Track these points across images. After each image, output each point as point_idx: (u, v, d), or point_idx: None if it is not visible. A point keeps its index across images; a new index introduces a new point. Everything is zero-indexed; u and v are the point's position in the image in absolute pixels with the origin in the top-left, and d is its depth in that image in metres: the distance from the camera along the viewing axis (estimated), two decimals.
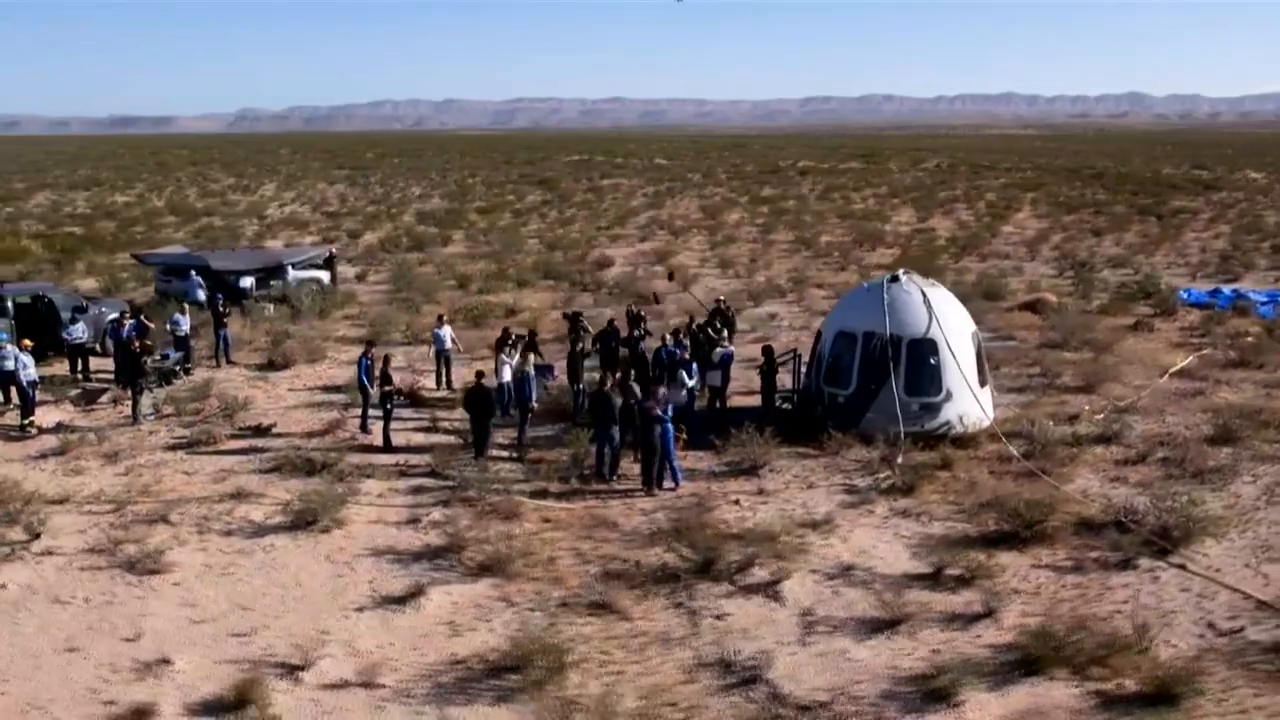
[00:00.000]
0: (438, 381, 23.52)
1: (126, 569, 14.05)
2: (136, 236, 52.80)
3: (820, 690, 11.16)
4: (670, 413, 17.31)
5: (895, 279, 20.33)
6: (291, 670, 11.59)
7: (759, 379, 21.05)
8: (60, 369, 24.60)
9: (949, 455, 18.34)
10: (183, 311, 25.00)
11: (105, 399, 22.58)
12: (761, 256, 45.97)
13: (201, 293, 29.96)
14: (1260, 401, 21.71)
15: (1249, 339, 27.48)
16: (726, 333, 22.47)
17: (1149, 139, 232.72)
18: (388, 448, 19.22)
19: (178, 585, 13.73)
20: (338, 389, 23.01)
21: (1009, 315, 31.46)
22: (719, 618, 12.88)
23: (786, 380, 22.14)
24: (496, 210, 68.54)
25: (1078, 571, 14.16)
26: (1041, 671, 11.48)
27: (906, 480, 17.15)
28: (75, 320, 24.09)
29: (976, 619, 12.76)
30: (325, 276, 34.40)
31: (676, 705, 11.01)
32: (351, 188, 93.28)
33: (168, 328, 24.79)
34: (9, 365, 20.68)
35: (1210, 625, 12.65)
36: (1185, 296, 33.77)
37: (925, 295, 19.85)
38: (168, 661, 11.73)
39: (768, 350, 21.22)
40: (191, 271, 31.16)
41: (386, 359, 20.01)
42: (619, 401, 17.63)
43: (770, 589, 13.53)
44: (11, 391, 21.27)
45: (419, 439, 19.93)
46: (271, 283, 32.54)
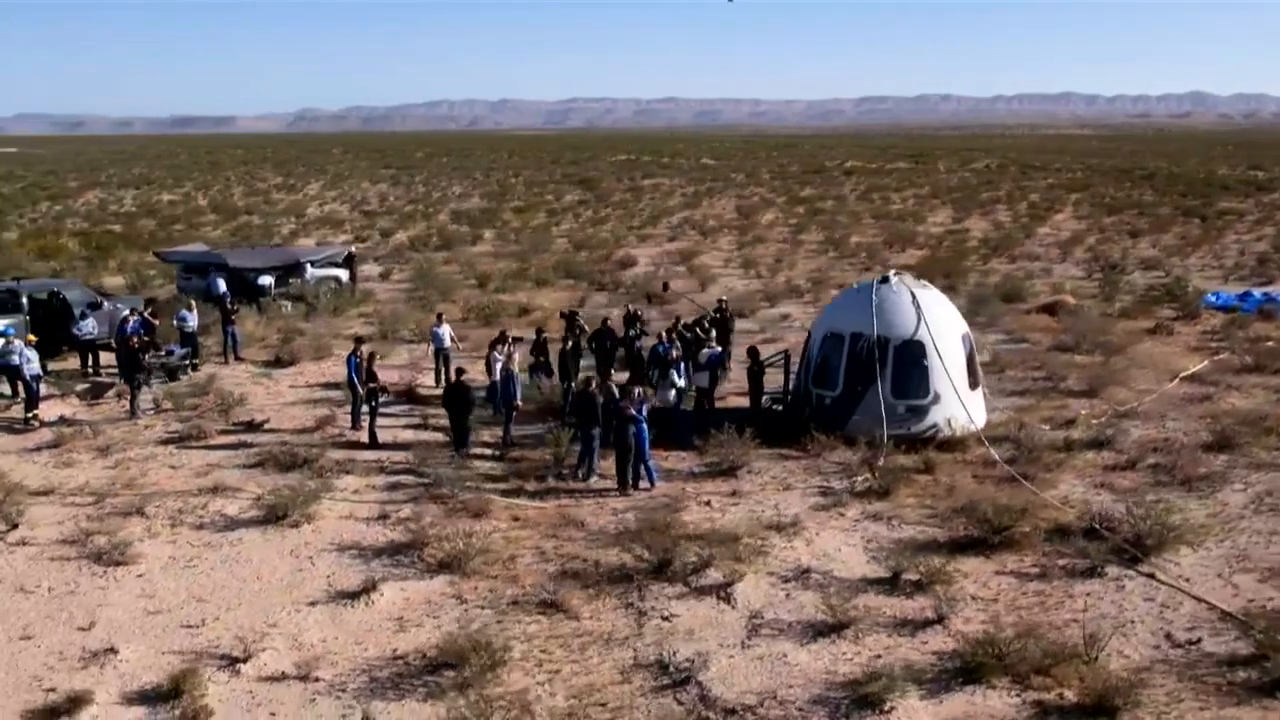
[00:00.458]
0: (436, 379, 23.67)
1: (94, 560, 14.33)
2: (175, 234, 53.76)
3: (750, 694, 11.07)
4: (645, 412, 17.28)
5: (885, 280, 20.11)
6: (232, 662, 11.73)
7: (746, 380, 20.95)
8: (75, 364, 25.10)
9: (932, 459, 18.11)
10: (189, 308, 25.40)
11: (111, 394, 23.00)
12: (787, 257, 45.71)
13: (223, 289, 30.45)
14: (1268, 408, 21.17)
15: (1269, 343, 26.80)
16: (716, 334, 22.38)
17: (1210, 139, 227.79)
18: (373, 444, 19.40)
19: (141, 577, 13.96)
20: (338, 386, 23.22)
21: (1025, 318, 30.99)
22: (666, 619, 12.84)
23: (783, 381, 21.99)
24: (532, 210, 68.89)
25: (1041, 579, 13.91)
26: (982, 680, 11.28)
27: (884, 483, 16.96)
28: (85, 316, 24.59)
29: (926, 625, 12.58)
30: (344, 275, 34.77)
31: (605, 705, 10.99)
32: (394, 187, 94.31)
33: (174, 324, 25.21)
34: (14, 360, 21.14)
35: (1168, 636, 12.36)
36: (1213, 300, 33.01)
37: (914, 297, 19.60)
38: (114, 651, 11.93)
39: (753, 351, 21.11)
40: (211, 269, 31.68)
41: (371, 356, 20.20)
42: (601, 401, 17.65)
43: (722, 591, 13.44)
44: (18, 385, 21.73)
45: (407, 436, 20.09)
46: (290, 281, 32.96)
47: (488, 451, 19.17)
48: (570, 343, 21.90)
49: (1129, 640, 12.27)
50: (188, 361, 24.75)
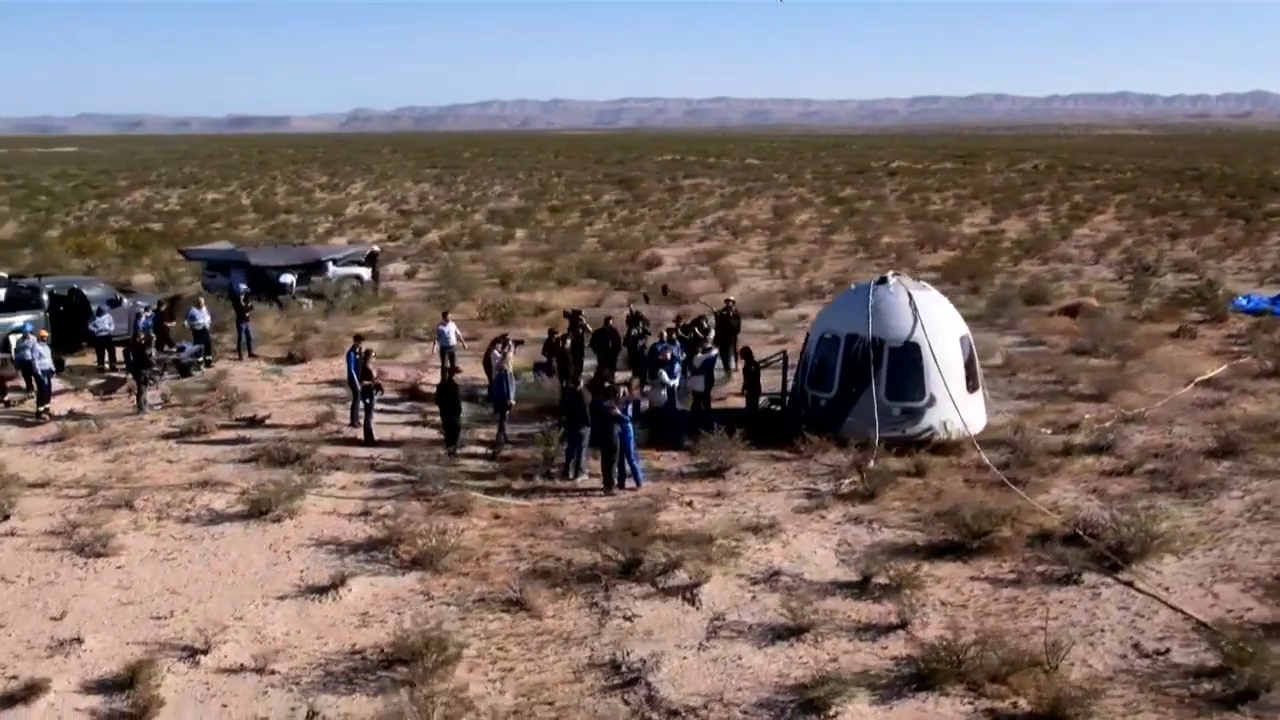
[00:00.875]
0: (442, 377, 23.78)
1: (77, 551, 14.61)
2: (213, 232, 54.65)
3: (697, 695, 11.02)
4: (630, 412, 17.26)
5: (883, 281, 19.91)
6: (192, 653, 11.90)
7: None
8: (92, 360, 25.60)
9: (923, 462, 17.90)
10: (198, 306, 25.78)
11: (124, 389, 23.38)
12: (814, 258, 45.42)
13: (243, 287, 30.91)
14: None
15: None
16: (717, 334, 22.30)
17: (1269, 140, 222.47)
18: (368, 440, 19.57)
19: (120, 568, 14.21)
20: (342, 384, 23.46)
21: (1046, 320, 30.52)
22: (628, 619, 12.81)
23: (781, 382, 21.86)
24: (567, 209, 69.09)
25: (1016, 585, 13.69)
26: (936, 686, 11.14)
27: (870, 486, 16.79)
28: (102, 313, 25.06)
29: (889, 630, 12.44)
30: (366, 273, 35.10)
31: (553, 705, 10.99)
32: (436, 187, 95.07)
33: (185, 323, 25.62)
34: (28, 355, 21.61)
35: (1136, 646, 12.11)
36: (1243, 303, 32.25)
37: (911, 298, 19.38)
38: (80, 640, 12.16)
39: (746, 352, 20.98)
40: (233, 267, 32.19)
41: (368, 353, 20.36)
42: (589, 400, 17.65)
43: (689, 592, 13.39)
44: (33, 379, 22.21)
45: (405, 433, 20.25)
46: (311, 279, 33.35)
47: (481, 449, 19.27)
48: (569, 341, 21.93)
49: (1096, 649, 12.05)
50: (200, 358, 25.13)
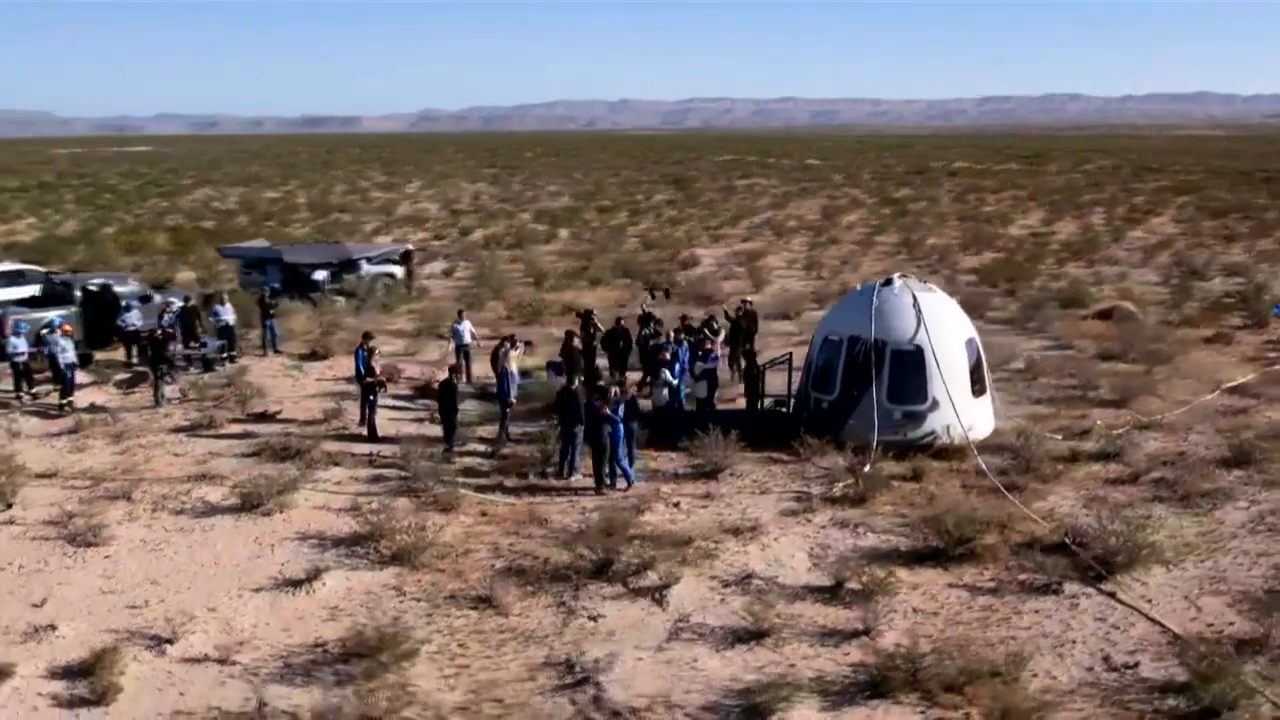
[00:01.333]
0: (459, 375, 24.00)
1: (69, 540, 14.97)
2: (263, 230, 55.56)
3: (643, 697, 10.98)
4: (622, 412, 17.25)
5: (889, 282, 19.66)
6: (160, 642, 12.14)
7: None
8: (121, 355, 26.21)
9: (921, 466, 17.66)
10: (223, 302, 26.27)
11: (147, 384, 23.90)
12: (854, 259, 44.97)
13: (276, 284, 31.52)
14: None
15: None
16: (726, 335, 22.21)
17: None
18: (372, 436, 19.79)
19: (107, 558, 14.54)
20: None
21: (1080, 323, 29.90)
22: (593, 619, 12.80)
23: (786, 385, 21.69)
24: (616, 209, 69.20)
25: (993, 593, 13.44)
26: (889, 694, 10.98)
27: (861, 490, 16.59)
28: (130, 308, 25.64)
29: (853, 636, 12.28)
30: (399, 272, 35.48)
31: (501, 702, 11.03)
32: (491, 186, 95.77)
33: (210, 319, 26.13)
34: (53, 349, 22.19)
35: (1106, 658, 11.82)
36: None
37: (916, 300, 19.11)
38: (53, 627, 12.47)
39: (749, 355, 20.84)
40: (268, 265, 32.80)
41: (371, 351, 20.59)
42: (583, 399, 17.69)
43: (658, 593, 13.35)
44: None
45: (411, 430, 20.44)
46: (344, 277, 33.80)
47: (482, 447, 19.39)
48: (575, 340, 22.00)
49: (1063, 660, 11.79)
50: (225, 354, 25.62)
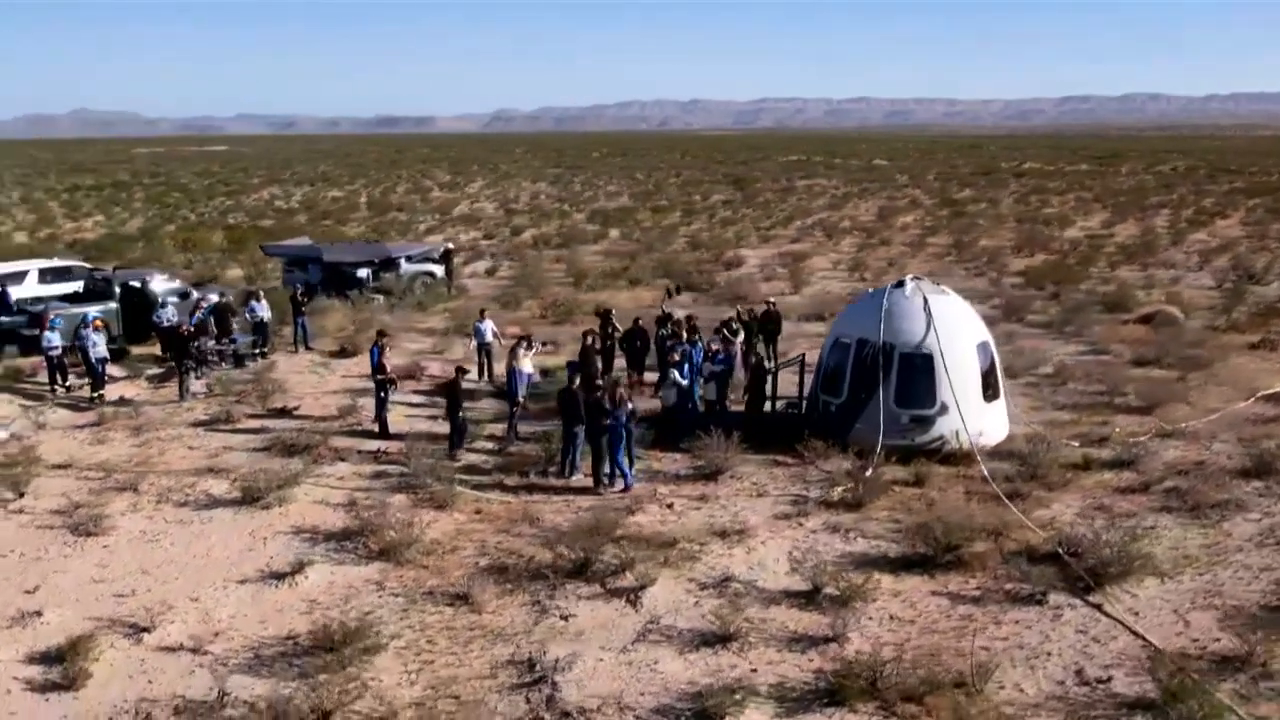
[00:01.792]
0: (479, 373, 24.23)
1: (71, 530, 15.39)
2: (321, 228, 56.62)
3: (596, 697, 10.96)
4: (623, 414, 17.22)
5: (900, 284, 19.37)
6: (138, 631, 12.42)
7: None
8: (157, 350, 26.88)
9: (925, 472, 17.36)
10: (259, 299, 26.80)
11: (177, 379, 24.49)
12: (902, 260, 44.38)
13: (311, 281, 32.11)
14: None
15: None
16: (744, 336, 22.10)
17: None
18: (383, 433, 20.03)
19: (106, 548, 14.92)
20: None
21: (1119, 328, 29.16)
22: (565, 618, 12.81)
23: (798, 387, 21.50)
24: (670, 209, 69.16)
25: (975, 602, 13.17)
26: (846, 703, 10.82)
27: (859, 495, 16.36)
28: (165, 305, 26.29)
29: (822, 642, 12.12)
30: (439, 271, 35.87)
31: (457, 698, 11.09)
32: (552, 186, 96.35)
33: (247, 316, 26.67)
34: (84, 343, 22.85)
35: (1079, 672, 11.51)
36: None
37: (927, 302, 18.80)
38: (40, 614, 12.83)
39: (755, 356, 20.67)
40: (308, 263, 33.44)
41: (382, 349, 20.81)
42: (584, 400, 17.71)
43: (634, 594, 13.31)
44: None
45: (423, 427, 20.63)
46: (383, 275, 34.27)
47: (490, 445, 19.51)
48: (590, 339, 22.05)
49: (1035, 673, 11.51)
50: (256, 350, 26.14)
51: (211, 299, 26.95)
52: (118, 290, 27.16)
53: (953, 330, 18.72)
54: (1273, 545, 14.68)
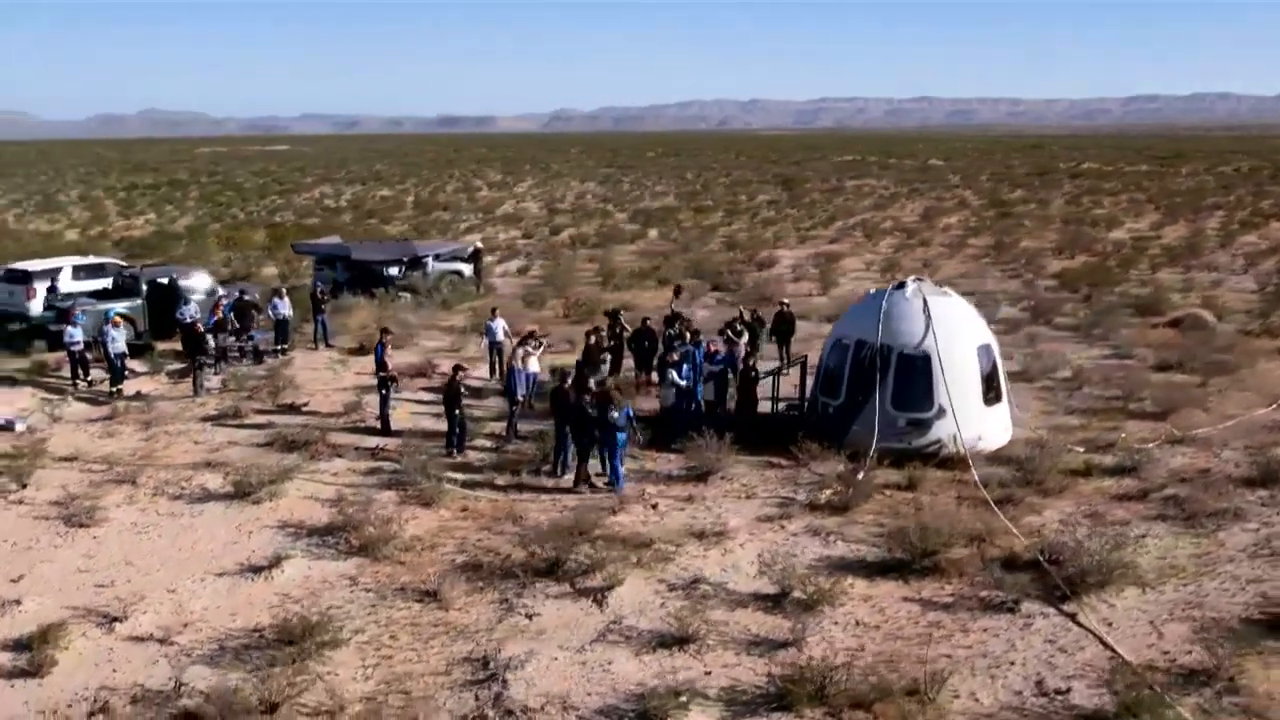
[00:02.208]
0: (490, 372, 24.39)
1: (65, 521, 15.75)
2: (366, 226, 57.37)
3: (542, 696, 10.97)
4: (621, 419, 17.20)
5: (901, 286, 19.14)
6: (110, 620, 12.68)
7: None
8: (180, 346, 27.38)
9: (918, 475, 17.13)
10: (281, 296, 27.20)
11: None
12: (938, 261, 43.84)
13: (336, 279, 32.61)
14: None
15: None
16: (749, 337, 22.02)
17: None
18: (385, 430, 20.22)
19: (95, 539, 15.25)
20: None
21: (1148, 331, 28.53)
22: (529, 617, 12.84)
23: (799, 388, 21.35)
24: (713, 209, 68.99)
25: (946, 609, 12.97)
26: (793, 708, 10.71)
27: (845, 498, 16.19)
28: (188, 301, 26.76)
29: (781, 646, 12.01)
30: (467, 270, 36.12)
31: (408, 694, 11.17)
32: (600, 185, 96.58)
33: (269, 313, 27.09)
34: (104, 338, 23.38)
35: (1039, 683, 11.28)
36: None
37: (926, 304, 18.55)
38: (19, 602, 13.14)
39: (747, 360, 20.53)
40: (337, 261, 33.92)
41: (387, 345, 21.00)
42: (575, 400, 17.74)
43: (600, 594, 13.30)
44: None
45: (428, 424, 20.80)
46: (410, 274, 34.59)
47: (489, 443, 19.62)
48: (594, 339, 22.07)
49: (994, 682, 11.31)
50: (276, 346, 26.54)
51: (235, 294, 27.41)
52: (144, 287, 27.71)
53: (953, 332, 18.46)
54: (1265, 556, 14.27)
